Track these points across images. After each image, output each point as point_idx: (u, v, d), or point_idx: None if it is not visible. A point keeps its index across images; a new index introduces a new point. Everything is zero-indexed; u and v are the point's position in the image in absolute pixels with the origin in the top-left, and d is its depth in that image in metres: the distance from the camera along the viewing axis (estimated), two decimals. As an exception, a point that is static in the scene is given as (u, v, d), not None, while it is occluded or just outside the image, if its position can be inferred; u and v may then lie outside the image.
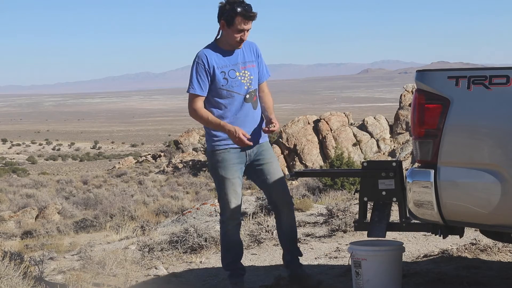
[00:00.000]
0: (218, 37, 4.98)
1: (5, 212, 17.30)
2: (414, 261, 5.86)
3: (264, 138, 5.12)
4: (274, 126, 4.93)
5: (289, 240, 5.22)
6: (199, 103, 4.94)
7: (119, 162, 47.48)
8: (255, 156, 5.06)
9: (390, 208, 4.74)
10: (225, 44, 4.95)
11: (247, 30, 4.88)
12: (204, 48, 4.98)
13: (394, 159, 33.33)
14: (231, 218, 5.07)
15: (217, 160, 5.00)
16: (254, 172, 5.10)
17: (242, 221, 8.67)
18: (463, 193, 3.96)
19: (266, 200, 5.39)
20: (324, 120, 37.85)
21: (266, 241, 7.12)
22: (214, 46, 4.97)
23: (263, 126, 5.02)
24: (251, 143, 4.90)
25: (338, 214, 7.90)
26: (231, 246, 5.13)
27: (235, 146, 4.95)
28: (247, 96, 5.00)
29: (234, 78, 4.95)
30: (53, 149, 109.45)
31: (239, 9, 4.80)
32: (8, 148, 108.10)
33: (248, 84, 5.00)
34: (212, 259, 6.68)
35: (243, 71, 4.99)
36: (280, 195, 5.11)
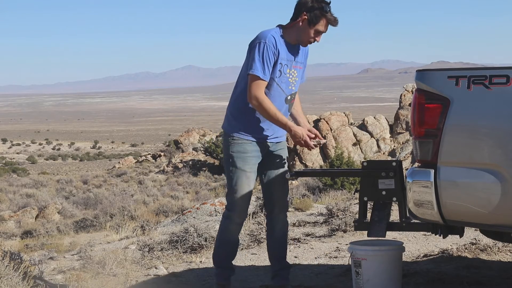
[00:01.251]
0: (286, 26, 4.66)
1: (5, 212, 17.29)
2: (414, 261, 5.86)
3: (283, 137, 4.91)
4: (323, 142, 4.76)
5: (279, 249, 4.97)
6: (263, 90, 4.57)
7: (119, 162, 47.46)
8: (272, 152, 4.83)
9: (390, 208, 4.74)
10: (291, 37, 4.65)
11: (322, 34, 4.65)
12: (271, 31, 4.63)
13: (394, 159, 33.35)
14: (238, 215, 4.81)
15: (237, 149, 4.70)
16: (265, 168, 4.83)
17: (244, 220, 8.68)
18: (463, 193, 3.96)
19: (263, 199, 5.12)
20: (324, 119, 37.86)
21: (266, 241, 7.11)
22: (280, 33, 4.64)
23: (321, 142, 4.74)
24: (315, 147, 4.73)
25: (338, 214, 7.90)
26: (228, 244, 4.90)
27: (262, 139, 4.72)
28: (289, 97, 4.77)
29: (285, 74, 4.67)
30: (53, 149, 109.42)
31: (328, 12, 4.56)
32: (8, 148, 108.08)
33: (293, 85, 4.76)
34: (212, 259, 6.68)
35: (293, 70, 4.73)
36: (281, 199, 4.89)
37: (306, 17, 4.57)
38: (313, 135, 4.71)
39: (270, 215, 4.95)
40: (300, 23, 4.60)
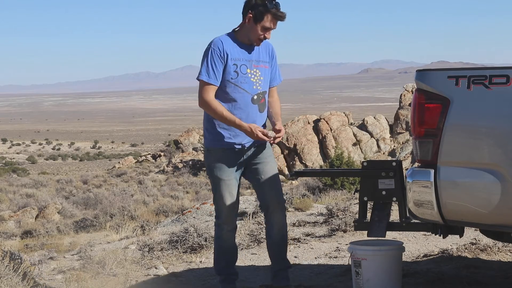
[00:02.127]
0: (237, 29, 4.74)
1: (5, 212, 17.29)
2: (414, 261, 5.86)
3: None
4: (278, 137, 4.70)
5: (279, 248, 4.92)
6: (211, 94, 4.63)
7: (119, 162, 47.47)
8: (253, 155, 4.81)
9: (390, 208, 4.74)
10: (244, 38, 4.70)
11: (271, 30, 4.68)
12: (220, 36, 4.71)
13: (394, 159, 33.35)
14: (225, 222, 4.85)
15: (212, 159, 4.77)
16: (250, 171, 4.85)
17: (241, 222, 8.68)
18: (463, 192, 3.96)
19: (258, 201, 5.19)
20: (324, 119, 37.86)
21: (266, 241, 7.11)
22: (232, 36, 4.71)
23: (269, 134, 4.69)
24: (271, 139, 4.66)
25: (338, 213, 7.90)
26: (225, 251, 4.91)
27: (233, 146, 4.72)
28: (255, 97, 4.74)
29: (244, 74, 4.68)
30: (53, 148, 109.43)
31: (271, 7, 4.58)
32: (8, 148, 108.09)
33: (257, 85, 4.74)
34: (212, 258, 6.67)
35: (254, 69, 4.73)
36: (273, 197, 4.83)
37: (251, 15, 4.61)
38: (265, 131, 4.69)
39: (267, 215, 4.92)
40: (247, 22, 4.65)
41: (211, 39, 4.84)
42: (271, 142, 4.72)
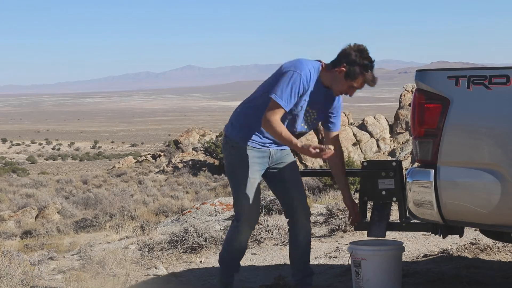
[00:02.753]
0: (325, 65, 4.51)
1: (5, 212, 17.28)
2: (414, 261, 5.86)
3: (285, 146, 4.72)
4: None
5: (305, 255, 4.79)
6: (279, 116, 4.40)
7: (119, 162, 47.44)
8: (277, 159, 4.67)
9: (390, 208, 4.74)
10: (326, 81, 4.50)
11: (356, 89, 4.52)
12: (310, 64, 4.47)
13: (394, 159, 33.34)
14: (248, 224, 4.68)
15: (239, 157, 4.58)
16: (274, 176, 4.69)
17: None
18: (463, 192, 3.96)
19: (282, 207, 4.98)
20: (324, 120, 37.83)
21: (266, 241, 7.12)
22: (318, 72, 4.48)
23: (326, 149, 4.38)
24: (326, 152, 4.35)
25: (338, 213, 7.89)
26: (236, 252, 4.78)
27: (261, 146, 4.59)
28: (297, 133, 4.62)
29: (303, 110, 4.53)
30: (53, 148, 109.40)
31: (367, 74, 4.42)
32: (8, 148, 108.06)
33: (306, 124, 4.63)
34: (212, 258, 6.68)
35: (313, 111, 4.58)
36: (300, 204, 4.71)
37: (344, 69, 4.41)
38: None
39: (293, 222, 4.75)
40: (337, 72, 4.44)
41: (211, 39, 4.62)
42: (324, 155, 4.36)
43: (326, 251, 6.65)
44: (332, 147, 4.35)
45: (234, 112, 4.75)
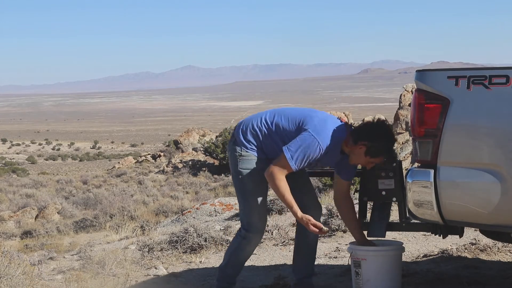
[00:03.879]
0: (348, 138, 4.45)
1: (4, 212, 17.28)
2: (414, 261, 5.86)
3: None
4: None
5: (311, 254, 4.84)
6: (284, 174, 4.41)
7: (118, 162, 47.41)
8: None
9: (390, 208, 4.74)
10: (345, 149, 4.48)
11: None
12: (334, 134, 4.41)
13: (394, 159, 33.25)
14: (257, 236, 4.64)
15: (247, 166, 4.54)
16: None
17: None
18: (462, 193, 3.96)
19: None
20: (324, 120, 37.84)
21: (266, 241, 7.11)
22: (340, 143, 4.45)
23: (324, 229, 4.51)
24: (322, 232, 4.50)
25: (338, 214, 7.89)
26: (241, 263, 4.75)
27: (268, 156, 4.54)
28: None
29: (314, 167, 4.73)
30: (53, 149, 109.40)
31: (389, 159, 4.48)
32: (8, 148, 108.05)
33: (307, 167, 4.74)
34: (212, 259, 6.68)
35: (322, 166, 4.73)
36: (312, 200, 4.75)
37: (365, 147, 4.39)
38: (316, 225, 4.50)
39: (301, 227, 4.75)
40: (358, 147, 4.42)
41: (211, 39, 4.51)
42: (320, 234, 4.54)
43: (326, 251, 6.65)
44: (327, 229, 4.48)
45: (245, 123, 4.63)
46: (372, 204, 4.80)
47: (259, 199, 4.55)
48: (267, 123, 4.56)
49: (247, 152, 4.55)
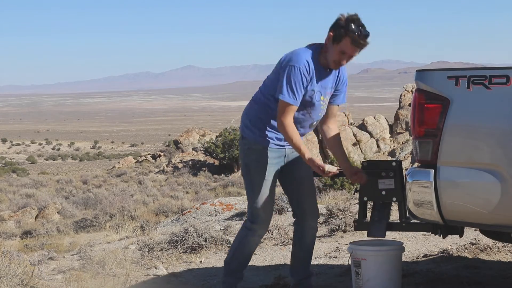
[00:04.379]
0: (320, 47, 4.40)
1: (5, 212, 17.29)
2: (414, 261, 5.86)
3: None
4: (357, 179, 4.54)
5: (308, 256, 4.80)
6: (291, 116, 4.36)
7: (118, 162, 47.43)
8: (293, 160, 4.62)
9: (390, 208, 4.74)
10: (324, 61, 4.39)
11: (350, 57, 4.38)
12: (304, 51, 4.37)
13: (394, 159, 33.35)
14: (261, 226, 4.62)
15: (255, 157, 4.51)
16: (286, 174, 4.63)
17: (240, 222, 8.66)
18: (463, 193, 3.96)
19: (290, 206, 4.85)
20: (324, 120, 37.82)
21: (266, 241, 7.11)
22: (315, 56, 4.38)
23: (326, 168, 4.44)
24: (326, 174, 4.44)
25: (338, 214, 7.89)
26: (246, 255, 4.72)
27: (277, 146, 4.51)
28: (315, 122, 4.60)
29: (318, 101, 4.46)
30: (53, 149, 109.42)
31: (351, 31, 4.24)
32: (8, 148, 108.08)
33: (322, 112, 4.57)
34: (212, 258, 6.68)
35: (326, 98, 4.51)
36: (311, 206, 4.71)
37: (331, 34, 4.32)
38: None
39: (301, 222, 4.73)
40: (327, 41, 4.36)
41: (211, 39, 4.48)
42: (325, 175, 4.47)
43: (326, 251, 6.65)
44: (333, 170, 4.44)
45: (243, 112, 4.69)
46: (372, 204, 4.79)
47: (265, 191, 4.51)
48: (258, 92, 4.60)
49: (253, 145, 4.52)
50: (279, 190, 6.41)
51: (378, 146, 37.66)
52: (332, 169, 4.44)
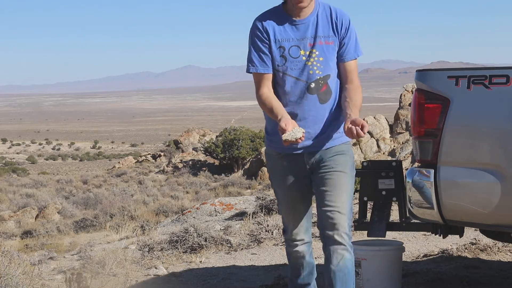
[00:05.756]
0: None
1: (5, 212, 17.30)
2: (414, 261, 5.86)
3: (334, 141, 3.73)
4: (361, 128, 3.49)
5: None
6: (264, 85, 3.67)
7: (119, 162, 47.44)
8: (320, 163, 3.72)
9: (390, 208, 4.74)
10: (290, 7, 3.67)
11: None
12: (263, 12, 3.75)
13: (394, 159, 33.35)
14: (291, 238, 3.88)
15: (270, 165, 3.88)
16: (315, 181, 3.74)
17: (241, 222, 8.66)
18: (463, 193, 3.96)
19: (317, 224, 3.85)
20: (324, 120, 37.80)
21: (266, 240, 7.11)
22: (278, 10, 3.70)
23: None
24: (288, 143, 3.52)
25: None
26: (298, 269, 3.96)
27: (290, 150, 3.69)
28: (312, 85, 3.65)
29: (296, 57, 3.64)
30: (53, 148, 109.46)
31: None
32: (8, 148, 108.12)
33: (315, 68, 3.65)
34: (212, 258, 6.68)
35: (310, 50, 3.64)
36: (333, 217, 3.68)
37: None
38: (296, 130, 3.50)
39: (323, 240, 3.75)
40: None
41: (211, 39, 4.06)
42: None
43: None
44: (288, 138, 3.44)
45: None
46: (372, 204, 4.79)
47: (284, 200, 3.83)
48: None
49: (268, 151, 3.89)
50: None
51: (378, 146, 37.66)
52: (289, 136, 3.44)
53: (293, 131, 3.46)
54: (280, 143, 3.63)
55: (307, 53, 3.67)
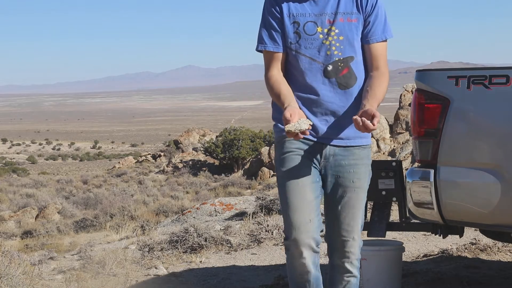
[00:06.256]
0: None
1: (5, 212, 17.30)
2: (414, 261, 5.86)
3: (356, 141, 3.28)
4: (373, 120, 3.02)
5: None
6: (273, 66, 3.27)
7: (119, 162, 47.44)
8: (338, 166, 3.27)
9: (390, 208, 4.74)
10: None
11: None
12: None
13: (394, 159, 33.33)
14: (297, 239, 3.18)
15: (279, 153, 3.28)
16: (331, 191, 3.30)
17: (241, 222, 8.65)
18: (463, 193, 3.96)
19: (325, 237, 3.42)
20: (324, 120, 37.79)
21: (266, 241, 7.11)
22: None
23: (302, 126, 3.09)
24: (299, 134, 3.05)
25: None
26: (300, 284, 3.27)
27: (307, 136, 3.15)
28: (329, 67, 3.22)
29: (312, 35, 3.20)
30: (53, 149, 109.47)
31: None
32: (8, 148, 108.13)
33: (333, 48, 3.21)
34: (212, 258, 6.68)
35: (329, 27, 3.21)
36: (341, 238, 3.30)
37: None
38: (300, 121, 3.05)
39: (330, 262, 3.41)
40: None
41: (211, 39, 3.75)
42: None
43: (326, 251, 6.63)
44: (292, 129, 3.02)
45: None
46: (372, 204, 4.80)
47: (291, 189, 3.24)
48: None
49: (276, 137, 3.36)
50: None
51: (378, 146, 37.65)
52: (292, 128, 3.01)
53: (298, 122, 3.03)
54: (277, 126, 3.29)
55: (325, 30, 3.23)
